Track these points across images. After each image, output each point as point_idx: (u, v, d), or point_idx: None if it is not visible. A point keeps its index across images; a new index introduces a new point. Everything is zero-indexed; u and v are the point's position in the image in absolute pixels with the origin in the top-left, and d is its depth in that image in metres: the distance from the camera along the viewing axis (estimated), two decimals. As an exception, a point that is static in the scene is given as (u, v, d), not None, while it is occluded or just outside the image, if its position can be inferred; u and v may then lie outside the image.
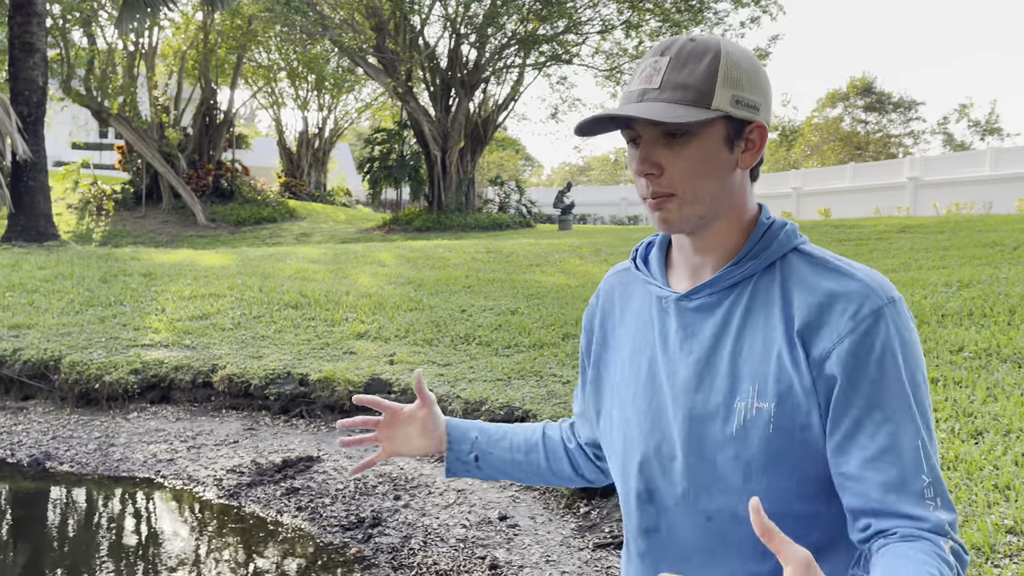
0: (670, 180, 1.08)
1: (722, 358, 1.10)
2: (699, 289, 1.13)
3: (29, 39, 13.40)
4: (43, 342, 6.49)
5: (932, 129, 48.59)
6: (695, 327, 1.14)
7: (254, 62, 28.75)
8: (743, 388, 1.08)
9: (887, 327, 1.03)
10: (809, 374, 1.04)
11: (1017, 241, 9.38)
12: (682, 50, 1.08)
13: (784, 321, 1.07)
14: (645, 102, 1.07)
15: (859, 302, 1.03)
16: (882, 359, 1.02)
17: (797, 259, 1.12)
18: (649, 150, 1.09)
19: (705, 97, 1.06)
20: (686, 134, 1.07)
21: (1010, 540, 2.70)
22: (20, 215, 13.53)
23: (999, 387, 4.17)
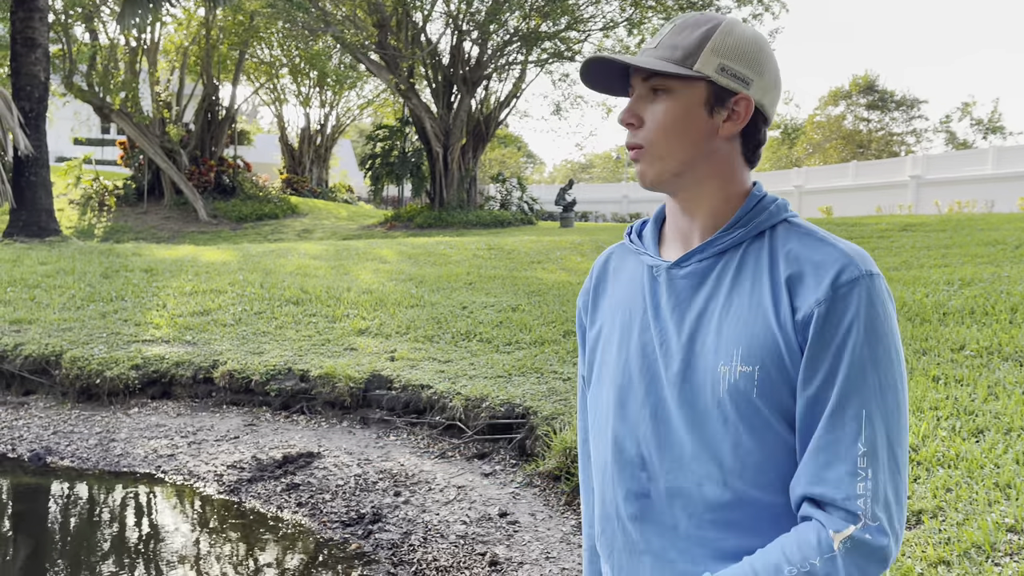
0: (645, 133, 1.15)
1: (710, 323, 1.13)
2: (689, 256, 1.17)
3: (31, 34, 13.39)
4: (44, 337, 6.49)
5: (935, 127, 48.44)
6: (685, 293, 1.17)
7: (256, 58, 28.73)
8: (728, 352, 1.10)
9: (860, 297, 1.06)
10: (795, 337, 1.07)
11: (1019, 240, 9.36)
12: (687, 19, 1.16)
13: (772, 287, 1.10)
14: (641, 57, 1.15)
15: (838, 269, 1.07)
16: (851, 327, 1.05)
17: (785, 230, 1.15)
18: (635, 102, 1.16)
19: (690, 58, 1.12)
20: (668, 90, 1.13)
21: (1011, 538, 2.69)
22: (22, 210, 13.54)
23: (1000, 385, 4.16)
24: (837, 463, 1.03)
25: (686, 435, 1.13)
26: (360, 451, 4.92)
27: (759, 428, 1.09)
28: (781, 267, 1.10)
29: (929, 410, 3.88)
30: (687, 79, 1.12)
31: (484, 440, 4.86)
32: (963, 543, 2.67)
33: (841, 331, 1.05)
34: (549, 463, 4.26)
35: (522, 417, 4.76)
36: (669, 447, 1.15)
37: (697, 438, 1.12)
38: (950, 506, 2.94)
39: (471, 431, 4.92)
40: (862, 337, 1.05)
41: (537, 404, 4.77)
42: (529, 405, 4.79)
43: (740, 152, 1.17)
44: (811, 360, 1.06)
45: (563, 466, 4.19)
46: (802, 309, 1.06)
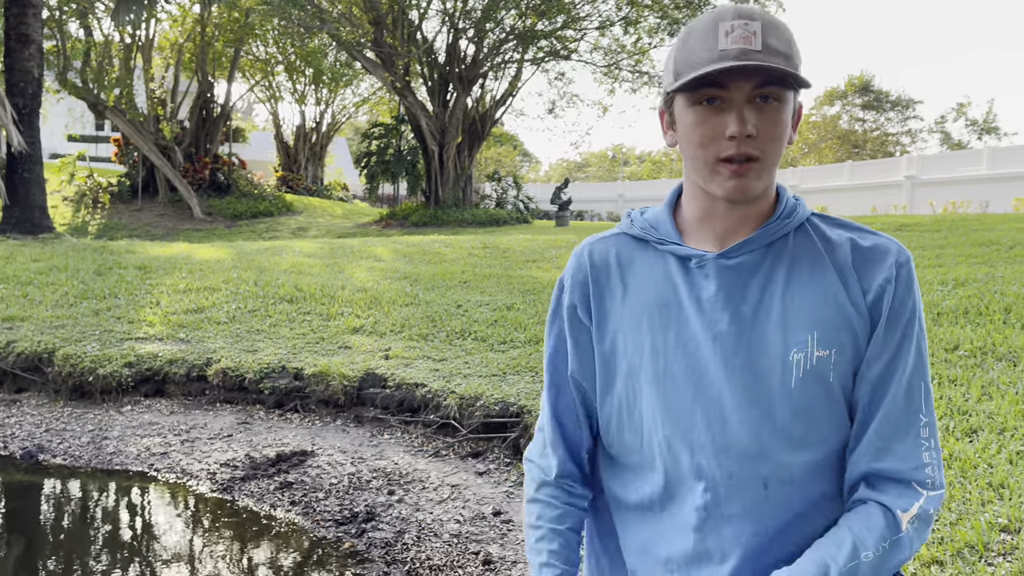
0: (760, 144, 1.07)
1: (771, 312, 1.10)
2: (738, 248, 1.13)
3: (25, 30, 13.34)
4: (37, 334, 6.46)
5: (930, 128, 48.59)
6: (737, 284, 1.12)
7: (251, 55, 28.65)
8: (800, 338, 1.08)
9: (914, 278, 1.13)
10: (868, 315, 1.10)
11: (1013, 240, 9.38)
12: (768, 19, 1.06)
13: (836, 269, 1.12)
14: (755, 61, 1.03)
15: (896, 251, 1.12)
16: (914, 304, 1.11)
17: (820, 221, 1.18)
18: (744, 110, 1.06)
19: (797, 65, 1.07)
20: (777, 100, 1.07)
21: (1004, 538, 2.69)
22: (15, 207, 13.48)
23: (994, 385, 4.17)
24: (905, 435, 1.09)
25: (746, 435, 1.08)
26: (354, 450, 4.91)
27: (828, 411, 1.10)
28: (839, 253, 1.13)
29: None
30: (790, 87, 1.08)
31: (478, 439, 4.85)
32: (956, 543, 2.68)
33: (908, 308, 1.11)
34: (543, 462, 4.26)
35: (516, 416, 4.76)
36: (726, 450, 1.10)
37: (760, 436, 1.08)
38: (943, 506, 2.94)
39: (465, 430, 4.91)
40: (918, 312, 1.12)
41: (531, 403, 4.77)
42: (523, 404, 4.78)
43: None
44: (884, 336, 1.10)
45: (557, 465, 4.18)
46: (871, 289, 1.10)
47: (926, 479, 1.08)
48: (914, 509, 1.06)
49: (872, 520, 1.06)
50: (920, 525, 1.07)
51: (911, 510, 1.06)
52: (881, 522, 1.06)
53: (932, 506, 1.08)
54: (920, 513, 1.07)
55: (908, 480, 1.07)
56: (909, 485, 1.07)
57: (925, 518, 1.07)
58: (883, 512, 1.06)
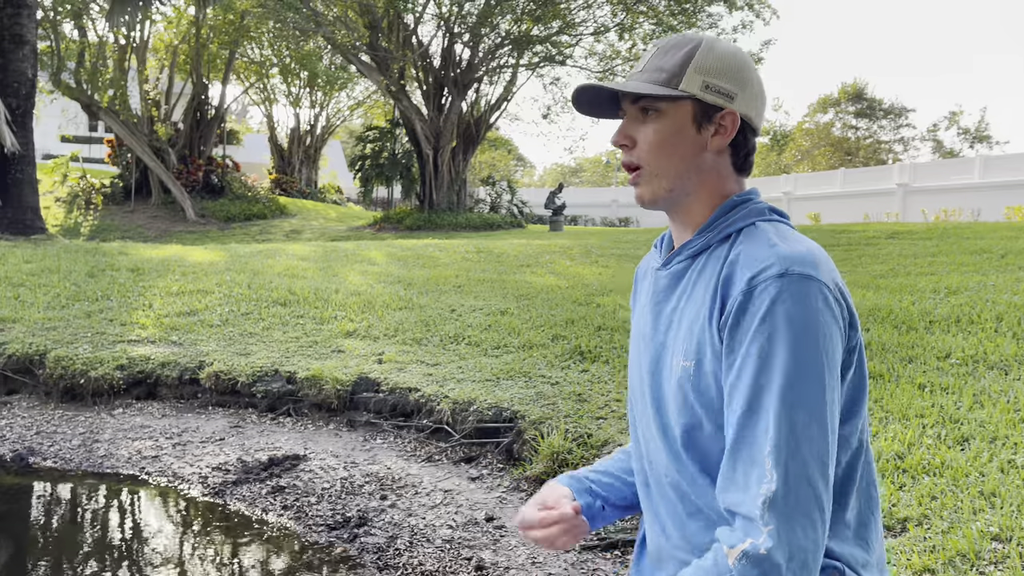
0: (639, 153, 1.21)
1: (678, 321, 1.21)
2: (670, 259, 1.26)
3: (19, 31, 13.30)
4: (28, 336, 6.43)
5: (922, 136, 48.85)
6: (664, 293, 1.26)
7: (246, 58, 28.63)
8: (680, 347, 1.18)
9: (777, 293, 1.03)
10: (717, 334, 1.11)
11: (1005, 248, 9.43)
12: (669, 42, 1.21)
13: (713, 287, 1.15)
14: (630, 82, 1.21)
15: (762, 267, 1.06)
16: (763, 321, 1.03)
17: (747, 234, 1.15)
18: (627, 125, 1.22)
19: (675, 79, 1.17)
20: (657, 111, 1.19)
21: (995, 547, 2.70)
22: (7, 208, 13.43)
23: (986, 394, 4.18)
24: (744, 465, 1.02)
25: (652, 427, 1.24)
26: (346, 454, 4.89)
27: (694, 420, 1.15)
28: (724, 268, 1.13)
29: (915, 418, 3.90)
30: (674, 99, 1.17)
31: (471, 444, 4.84)
32: (948, 551, 2.68)
33: (752, 327, 1.04)
34: (536, 467, 4.25)
35: (510, 421, 4.75)
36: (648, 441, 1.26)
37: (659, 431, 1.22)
38: (935, 514, 2.95)
39: (458, 435, 4.90)
40: (773, 333, 1.02)
41: (525, 408, 4.76)
42: (517, 409, 4.78)
43: (730, 162, 1.22)
44: (727, 354, 1.08)
45: (550, 470, 4.18)
46: (726, 307, 1.10)
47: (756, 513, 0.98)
48: (743, 545, 0.97)
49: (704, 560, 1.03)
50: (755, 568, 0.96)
51: (739, 546, 0.98)
52: (709, 561, 1.02)
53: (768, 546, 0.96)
54: (750, 551, 0.96)
55: (745, 515, 1.00)
56: (746, 520, 0.99)
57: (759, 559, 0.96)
58: (715, 548, 1.03)
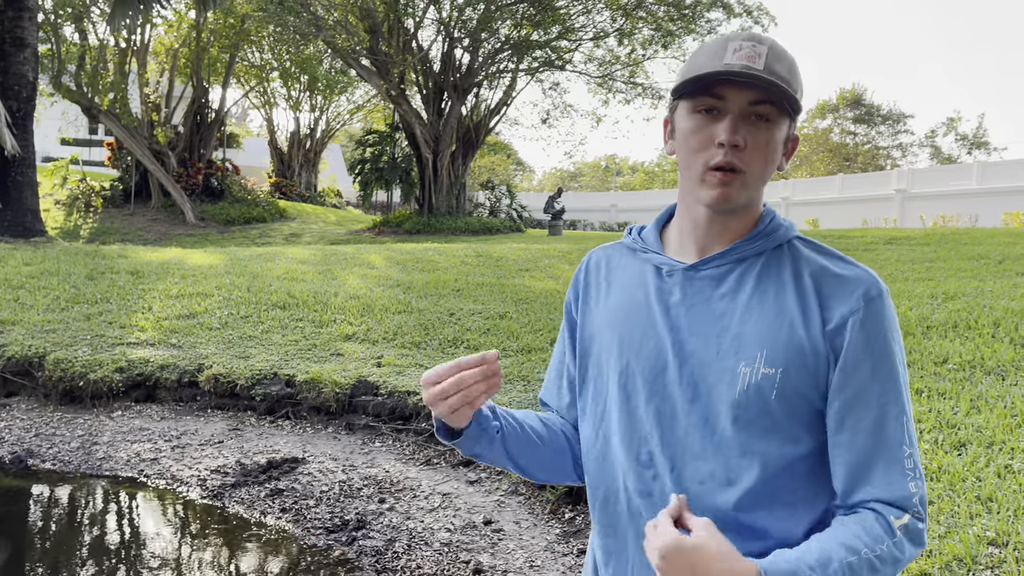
0: (747, 157, 1.13)
1: (729, 325, 1.15)
2: (709, 260, 1.19)
3: (20, 34, 13.32)
4: (28, 339, 6.44)
5: (920, 142, 48.93)
6: (702, 295, 1.19)
7: (247, 61, 28.66)
8: (750, 353, 1.13)
9: (887, 311, 1.13)
10: (823, 343, 1.11)
11: (1002, 254, 9.46)
12: (775, 45, 1.14)
13: (798, 294, 1.14)
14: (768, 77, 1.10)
15: (868, 284, 1.13)
16: (885, 337, 1.12)
17: (801, 245, 1.20)
18: (742, 125, 1.13)
19: (797, 91, 1.13)
20: (769, 120, 1.13)
21: (992, 552, 2.71)
22: (7, 210, 13.43)
23: (983, 399, 4.20)
24: (890, 465, 1.10)
25: (694, 434, 1.16)
26: (345, 457, 4.90)
27: (770, 430, 1.12)
28: (807, 278, 1.15)
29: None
30: (789, 113, 1.14)
31: (470, 447, 4.85)
32: (945, 556, 2.69)
33: (877, 341, 1.11)
34: (535, 471, 4.26)
35: (508, 425, 4.76)
36: (673, 446, 1.17)
37: (704, 437, 1.15)
38: (932, 519, 2.96)
39: (457, 438, 4.91)
40: (891, 346, 1.12)
41: (523, 412, 4.78)
42: (515, 413, 4.79)
43: None
44: (847, 368, 1.11)
45: (548, 474, 4.19)
46: (833, 319, 1.11)
47: (913, 508, 1.09)
48: (904, 519, 1.08)
49: (866, 523, 1.09)
50: (912, 542, 1.09)
51: (901, 519, 1.08)
52: (876, 526, 1.08)
53: (922, 527, 1.09)
54: (911, 526, 1.08)
55: (897, 505, 1.10)
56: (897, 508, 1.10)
57: (916, 535, 1.09)
58: (876, 517, 1.09)
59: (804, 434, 1.13)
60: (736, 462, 1.13)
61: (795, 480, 1.14)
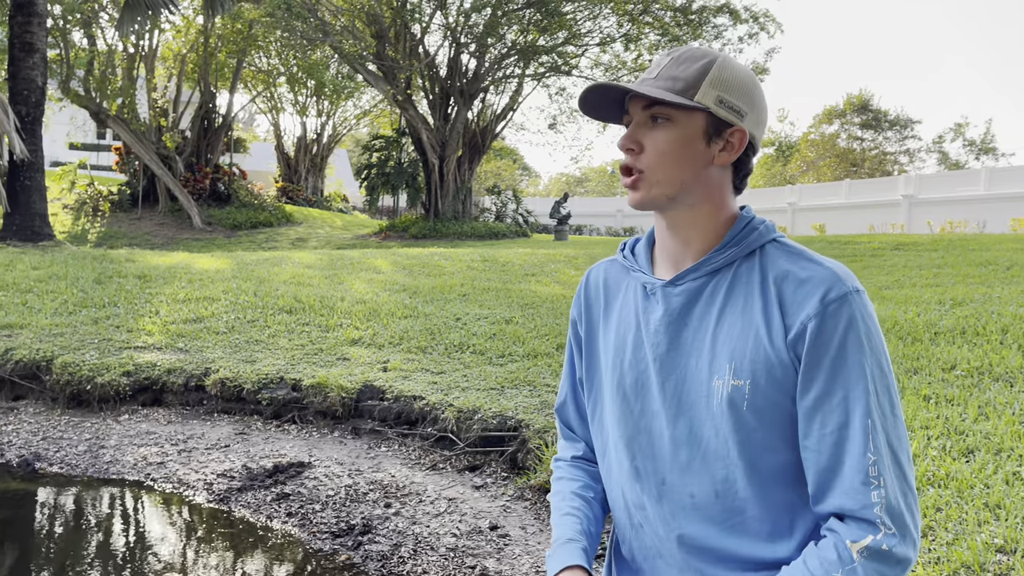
0: (645, 158, 1.19)
1: (704, 339, 1.18)
2: (683, 275, 1.22)
3: (29, 39, 13.40)
4: (35, 342, 6.46)
5: (927, 147, 48.80)
6: (680, 311, 1.21)
7: (254, 67, 28.77)
8: (721, 366, 1.15)
9: (850, 312, 1.10)
10: (786, 352, 1.11)
11: (1010, 260, 9.42)
12: (684, 52, 1.20)
13: (763, 303, 1.15)
14: (643, 85, 1.19)
15: (827, 287, 1.11)
16: (844, 340, 1.09)
17: (775, 249, 1.20)
18: (635, 129, 1.20)
19: (691, 89, 1.16)
20: (668, 119, 1.17)
21: (1000, 559, 2.70)
22: (16, 214, 13.50)
23: (991, 406, 4.18)
24: (850, 474, 1.08)
25: (680, 448, 1.19)
26: (351, 461, 4.90)
27: (748, 441, 1.13)
28: (771, 285, 1.15)
29: (920, 429, 3.89)
30: (688, 109, 1.17)
31: (476, 452, 4.85)
32: (953, 563, 2.68)
33: (835, 344, 1.09)
34: (540, 476, 4.26)
35: (514, 430, 4.76)
36: (662, 460, 1.21)
37: (690, 451, 1.18)
38: (940, 526, 2.95)
39: (463, 443, 4.91)
40: (855, 349, 1.09)
41: (529, 417, 4.77)
42: (521, 418, 4.78)
43: (731, 180, 1.23)
44: (807, 373, 1.10)
45: (554, 480, 4.18)
46: (794, 326, 1.11)
47: (875, 519, 1.05)
48: (865, 541, 1.05)
49: (824, 552, 1.08)
50: (878, 562, 1.04)
51: (861, 541, 1.05)
52: (832, 553, 1.07)
53: (888, 544, 1.04)
54: (873, 546, 1.04)
55: (858, 518, 1.07)
56: (860, 522, 1.07)
57: (881, 555, 1.04)
58: (834, 543, 1.08)
59: (782, 443, 1.14)
60: (722, 475, 1.16)
61: (785, 490, 1.15)
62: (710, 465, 1.16)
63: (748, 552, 1.16)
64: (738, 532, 1.16)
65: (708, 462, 1.16)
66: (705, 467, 1.16)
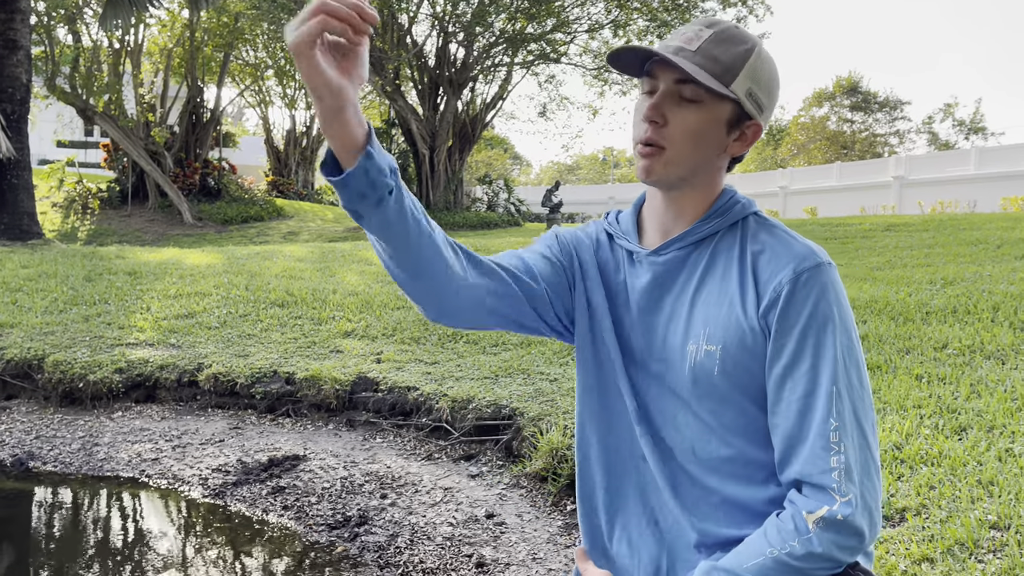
0: (669, 135, 1.17)
1: (683, 305, 1.22)
2: (669, 244, 1.25)
3: (13, 36, 13.28)
4: (26, 341, 6.43)
5: (917, 128, 48.87)
6: (664, 278, 1.24)
7: (241, 60, 28.59)
8: (696, 332, 1.19)
9: (821, 283, 1.12)
10: (758, 320, 1.14)
11: (1001, 239, 9.45)
12: (726, 30, 1.17)
13: (739, 272, 1.18)
14: (680, 57, 1.15)
15: (800, 259, 1.14)
16: (814, 311, 1.11)
17: (755, 222, 1.23)
18: (663, 100, 1.18)
19: (729, 76, 1.15)
20: (697, 101, 1.16)
21: (993, 535, 2.71)
22: (3, 214, 13.42)
23: (983, 383, 4.20)
24: (812, 439, 1.09)
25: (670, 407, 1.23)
26: (346, 453, 4.90)
27: (720, 402, 1.17)
28: (749, 257, 1.18)
29: (912, 408, 3.91)
30: (721, 96, 1.16)
31: (471, 442, 4.85)
32: (947, 540, 2.69)
33: (805, 314, 1.11)
34: (536, 464, 4.26)
35: (509, 418, 4.76)
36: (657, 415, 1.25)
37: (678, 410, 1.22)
38: (933, 503, 2.96)
39: (457, 433, 4.91)
40: (825, 319, 1.11)
41: (524, 405, 4.77)
42: (516, 406, 4.79)
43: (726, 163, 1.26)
44: (777, 341, 1.13)
45: (550, 467, 4.19)
46: (766, 295, 1.14)
47: (831, 484, 1.06)
48: (820, 511, 1.06)
49: (782, 522, 1.09)
50: (833, 532, 1.05)
51: (816, 512, 1.06)
52: (790, 524, 1.08)
53: (845, 513, 1.04)
54: (828, 516, 1.05)
55: (817, 484, 1.08)
56: (819, 489, 1.07)
57: (837, 524, 1.05)
58: (792, 513, 1.09)
59: (752, 407, 1.16)
60: (705, 434, 1.19)
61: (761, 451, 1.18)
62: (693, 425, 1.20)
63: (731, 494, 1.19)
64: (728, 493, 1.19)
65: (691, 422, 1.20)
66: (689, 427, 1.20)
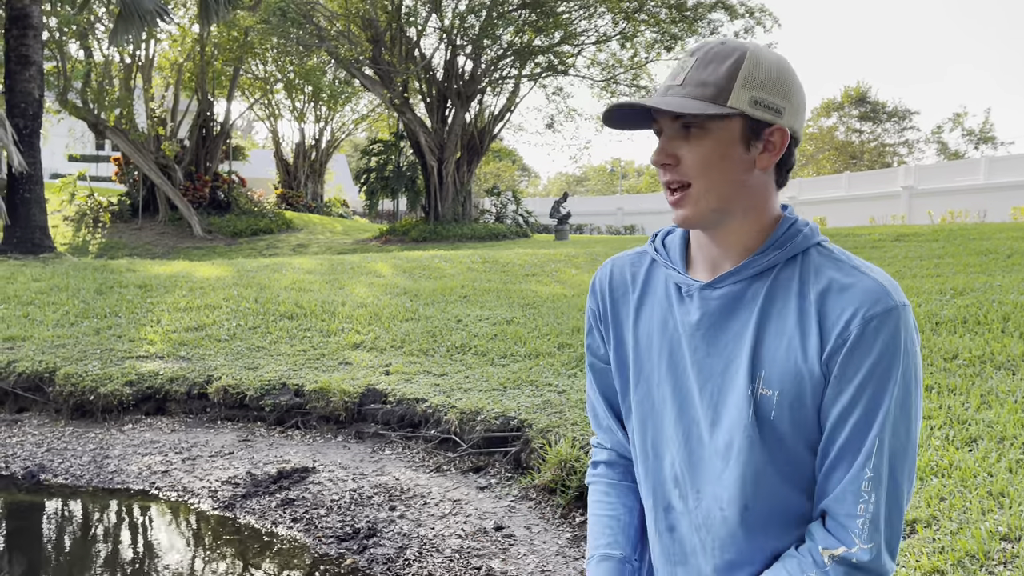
0: (685, 170, 1.12)
1: (742, 346, 1.13)
2: (723, 278, 1.15)
3: (25, 52, 13.43)
4: (38, 354, 6.47)
5: (926, 138, 48.72)
6: (719, 315, 1.16)
7: (251, 74, 28.79)
8: (756, 375, 1.11)
9: (891, 330, 1.05)
10: (818, 365, 1.07)
11: (1011, 249, 9.41)
12: (709, 51, 1.12)
13: (799, 312, 1.10)
14: (668, 96, 1.11)
15: (870, 303, 1.06)
16: (878, 360, 1.05)
17: (818, 255, 1.14)
18: (668, 142, 1.13)
19: (722, 94, 1.09)
20: (701, 128, 1.10)
21: (1004, 547, 2.70)
22: (16, 227, 13.53)
23: (993, 394, 4.17)
24: (845, 484, 1.07)
25: (715, 457, 1.15)
26: (355, 466, 4.91)
27: (776, 450, 1.11)
28: (811, 295, 1.10)
29: (923, 419, 3.89)
30: (722, 117, 1.10)
31: (479, 453, 4.85)
32: (957, 552, 2.68)
33: (868, 364, 1.05)
34: (544, 476, 4.26)
35: (517, 430, 4.76)
36: (699, 468, 1.18)
37: (725, 460, 1.14)
38: (944, 515, 2.95)
39: (466, 444, 4.91)
40: (887, 370, 1.05)
41: (532, 417, 4.77)
42: (524, 418, 4.79)
43: (773, 179, 1.16)
44: (835, 387, 1.07)
45: (558, 479, 4.18)
46: (830, 341, 1.07)
47: (855, 528, 1.06)
48: (839, 550, 1.06)
49: (801, 555, 1.10)
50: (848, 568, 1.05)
51: (834, 549, 1.06)
52: (808, 557, 1.08)
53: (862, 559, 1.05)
54: (845, 556, 1.05)
55: (841, 524, 1.07)
56: (841, 528, 1.07)
57: (853, 566, 1.05)
58: (810, 548, 1.09)
59: (806, 452, 1.11)
60: (752, 486, 1.13)
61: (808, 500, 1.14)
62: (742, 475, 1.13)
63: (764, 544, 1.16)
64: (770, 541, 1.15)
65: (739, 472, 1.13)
66: (738, 478, 1.13)
